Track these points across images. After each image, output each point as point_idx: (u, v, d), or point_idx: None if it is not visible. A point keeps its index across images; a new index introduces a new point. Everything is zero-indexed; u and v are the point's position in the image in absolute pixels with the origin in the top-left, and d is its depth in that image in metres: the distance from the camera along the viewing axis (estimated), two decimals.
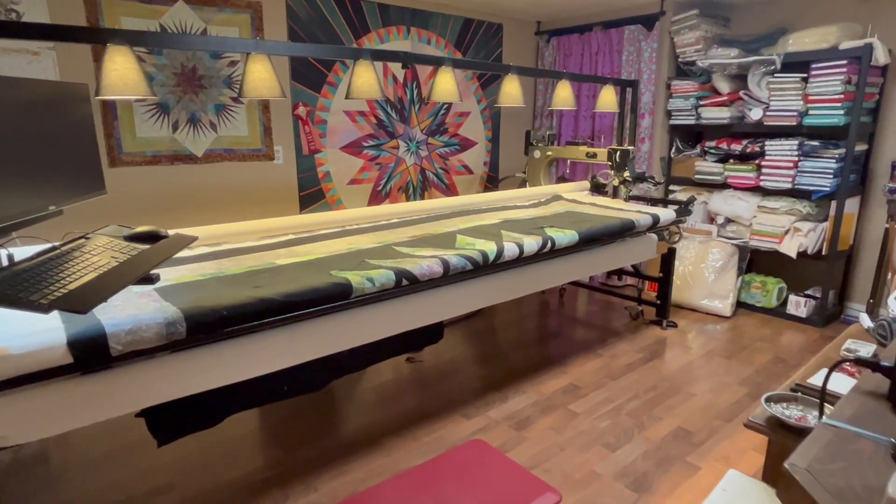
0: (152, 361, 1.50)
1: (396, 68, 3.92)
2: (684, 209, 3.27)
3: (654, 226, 3.04)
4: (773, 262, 4.00)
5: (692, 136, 4.30)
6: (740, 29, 3.99)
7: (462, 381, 2.86)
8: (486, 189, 4.71)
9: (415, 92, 4.06)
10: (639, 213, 3.02)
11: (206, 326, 1.49)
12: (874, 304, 3.46)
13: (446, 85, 2.51)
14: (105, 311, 1.48)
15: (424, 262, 1.98)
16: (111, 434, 2.35)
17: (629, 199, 3.55)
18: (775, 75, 3.49)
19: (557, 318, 3.81)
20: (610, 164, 3.48)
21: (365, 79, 2.24)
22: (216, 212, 3.26)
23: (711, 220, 4.06)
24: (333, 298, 1.75)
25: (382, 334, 2.04)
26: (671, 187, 4.22)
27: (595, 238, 2.67)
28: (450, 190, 4.45)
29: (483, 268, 2.19)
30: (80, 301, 0.96)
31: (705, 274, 3.86)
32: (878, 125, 3.52)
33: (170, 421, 1.83)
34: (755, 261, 4.10)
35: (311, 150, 3.61)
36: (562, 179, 4.18)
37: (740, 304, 3.95)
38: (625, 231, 2.83)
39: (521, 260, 2.36)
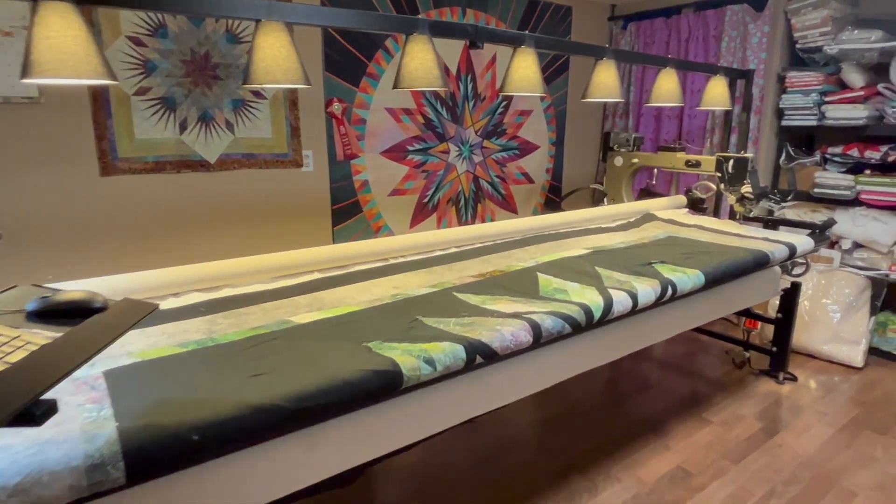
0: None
1: (449, 57, 3.29)
2: (820, 235, 2.53)
3: (790, 258, 2.32)
4: None
5: (803, 140, 3.53)
6: (876, 7, 3.20)
7: (532, 456, 2.21)
8: (548, 200, 4.04)
9: (469, 86, 3.42)
10: (768, 242, 2.30)
11: (163, 463, 0.89)
12: None
13: (526, 71, 1.86)
14: (6, 432, 0.89)
15: (506, 329, 1.34)
16: None
17: (742, 219, 2.82)
18: None
19: (637, 361, 3.10)
20: (719, 175, 2.76)
21: (421, 60, 1.61)
22: (231, 230, 2.69)
23: (833, 244, 3.28)
24: (374, 394, 1.13)
25: (441, 426, 1.41)
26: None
27: (723, 279, 1.98)
28: (506, 201, 3.80)
29: (585, 328, 1.54)
30: None
31: (829, 312, 3.09)
32: None
33: None
34: (893, 298, 3.29)
35: (346, 156, 3.02)
36: (645, 192, 3.47)
37: (872, 351, 3.16)
38: (758, 267, 2.13)
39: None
